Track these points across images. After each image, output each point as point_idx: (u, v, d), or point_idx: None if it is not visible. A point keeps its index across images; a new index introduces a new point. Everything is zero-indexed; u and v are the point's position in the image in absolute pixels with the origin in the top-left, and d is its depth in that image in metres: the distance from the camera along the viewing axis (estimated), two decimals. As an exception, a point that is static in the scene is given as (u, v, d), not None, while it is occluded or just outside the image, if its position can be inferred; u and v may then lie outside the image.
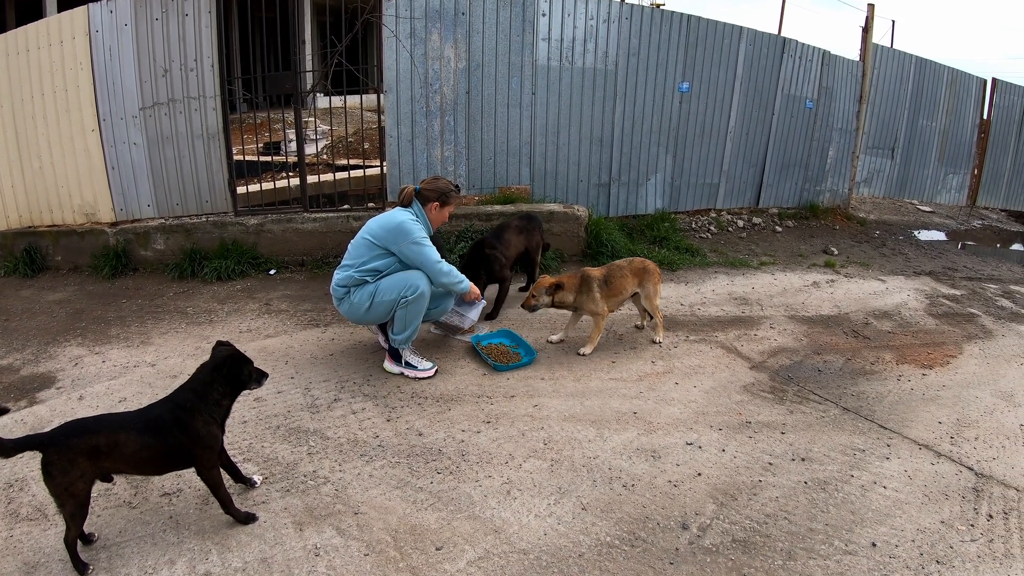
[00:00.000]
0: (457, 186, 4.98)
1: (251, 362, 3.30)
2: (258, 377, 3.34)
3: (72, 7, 6.56)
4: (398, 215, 4.71)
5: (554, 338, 5.64)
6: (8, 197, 7.08)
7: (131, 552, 3.10)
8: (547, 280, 5.33)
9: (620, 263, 5.64)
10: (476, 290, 5.04)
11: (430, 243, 4.72)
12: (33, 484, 3.54)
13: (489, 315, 6.01)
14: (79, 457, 2.84)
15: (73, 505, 2.86)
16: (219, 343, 3.33)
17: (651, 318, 5.83)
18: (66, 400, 4.46)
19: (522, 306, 5.46)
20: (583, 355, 5.38)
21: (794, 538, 3.38)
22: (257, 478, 3.62)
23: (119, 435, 2.94)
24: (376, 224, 4.74)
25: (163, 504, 3.44)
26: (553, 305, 5.38)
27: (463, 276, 4.90)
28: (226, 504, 3.25)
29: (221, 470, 3.27)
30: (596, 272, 5.43)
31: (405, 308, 4.66)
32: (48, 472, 2.82)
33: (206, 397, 3.12)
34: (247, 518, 3.30)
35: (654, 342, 5.72)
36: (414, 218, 4.72)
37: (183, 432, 3.03)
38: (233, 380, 3.22)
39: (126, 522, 3.29)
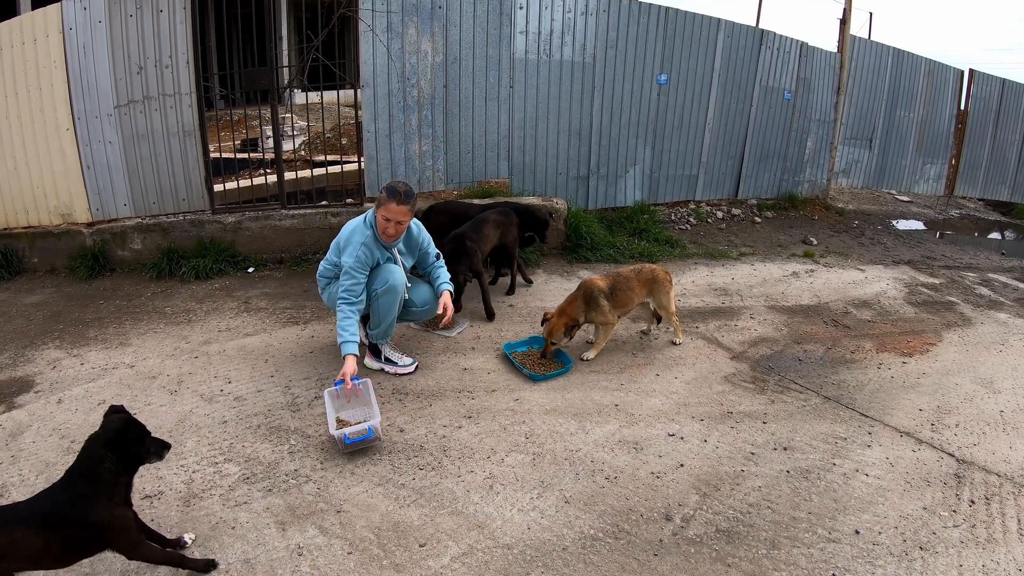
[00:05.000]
0: (400, 191, 4.37)
1: (147, 433, 2.85)
2: (158, 450, 2.88)
3: (46, 4, 6.46)
4: (352, 222, 4.62)
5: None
6: (-18, 199, 6.98)
7: (114, 556, 3.05)
8: (560, 323, 5.01)
9: (627, 272, 5.37)
10: (349, 366, 4.19)
11: (349, 264, 4.43)
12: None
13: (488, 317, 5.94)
14: None
15: None
16: (112, 409, 2.88)
17: (658, 321, 5.76)
18: (44, 404, 4.40)
19: (542, 354, 5.14)
20: (586, 360, 5.23)
21: (777, 527, 3.40)
22: (187, 537, 3.16)
23: (15, 532, 2.55)
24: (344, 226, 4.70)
25: (144, 507, 3.40)
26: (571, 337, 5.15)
27: (344, 333, 4.33)
28: (178, 565, 2.97)
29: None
30: (601, 283, 5.17)
31: (376, 301, 4.64)
32: None
33: (98, 479, 2.67)
34: (207, 566, 3.02)
35: (673, 343, 5.64)
36: (365, 227, 4.53)
37: (86, 524, 2.63)
38: (126, 457, 2.75)
39: (106, 525, 3.25)
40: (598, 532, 3.32)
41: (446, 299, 4.84)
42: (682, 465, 3.90)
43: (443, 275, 5.01)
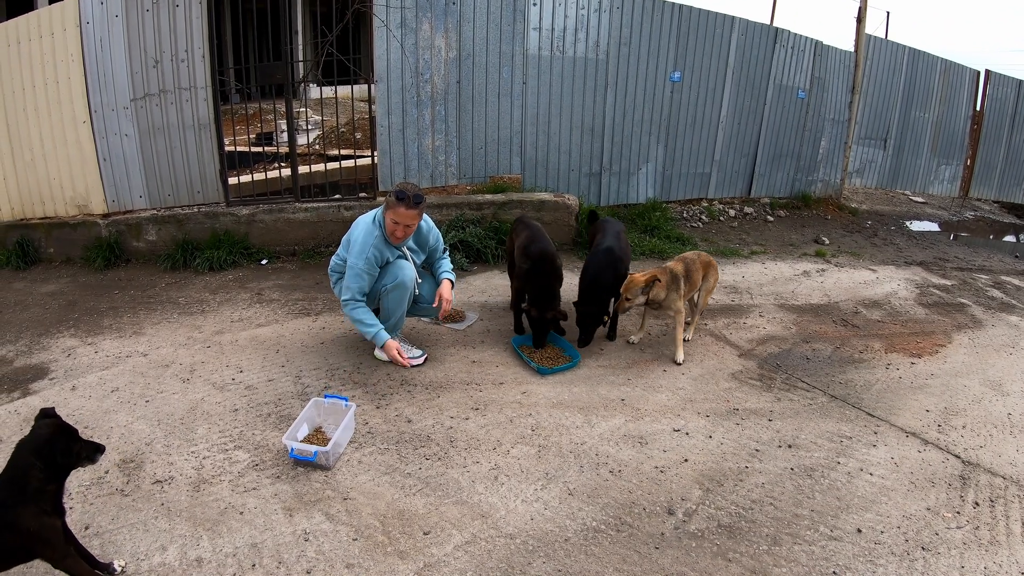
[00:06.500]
0: (409, 195, 4.39)
1: (77, 438, 2.72)
2: (89, 454, 2.75)
3: (62, -2, 6.55)
4: (362, 221, 4.63)
5: (634, 339, 5.53)
6: (0, 190, 7.08)
7: (123, 539, 3.12)
8: (639, 278, 4.98)
9: (690, 256, 5.41)
10: (391, 348, 4.57)
11: (359, 267, 4.48)
12: None
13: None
14: None
15: None
16: (42, 413, 2.75)
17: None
18: (59, 391, 4.47)
19: (617, 309, 5.19)
20: (678, 363, 5.17)
21: (779, 524, 3.42)
22: (117, 564, 2.97)
23: None
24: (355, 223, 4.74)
25: (155, 491, 3.46)
26: (648, 304, 5.09)
27: (373, 325, 4.57)
28: None
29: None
30: (679, 269, 5.18)
31: (386, 297, 4.69)
32: None
33: (25, 487, 2.55)
34: None
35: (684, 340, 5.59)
36: (375, 227, 4.57)
37: (12, 531, 2.52)
38: (54, 465, 2.63)
39: (118, 509, 3.31)
40: (600, 524, 3.35)
41: (443, 289, 4.87)
42: (686, 460, 3.92)
43: (444, 265, 5.05)
